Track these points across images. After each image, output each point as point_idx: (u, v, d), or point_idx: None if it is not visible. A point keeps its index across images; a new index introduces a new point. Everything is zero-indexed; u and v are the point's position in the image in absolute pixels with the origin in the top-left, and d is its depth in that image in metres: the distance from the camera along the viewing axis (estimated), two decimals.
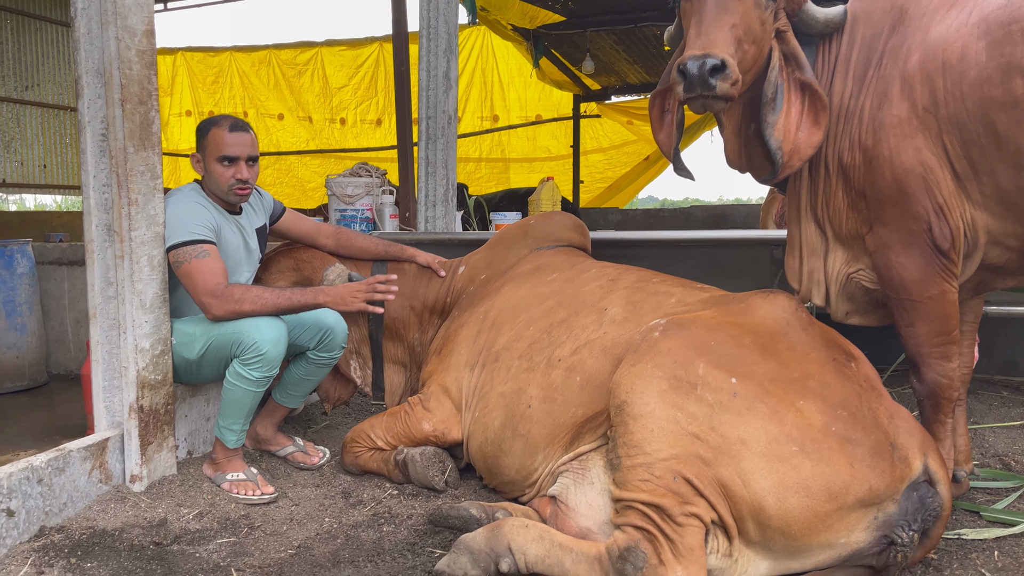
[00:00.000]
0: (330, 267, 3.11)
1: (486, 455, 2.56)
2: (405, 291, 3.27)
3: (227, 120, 2.76)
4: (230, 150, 2.73)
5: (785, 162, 2.35)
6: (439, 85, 4.62)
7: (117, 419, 2.54)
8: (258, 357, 2.54)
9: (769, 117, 2.36)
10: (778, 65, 2.39)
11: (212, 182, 2.77)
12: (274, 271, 3.18)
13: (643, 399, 2.02)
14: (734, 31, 2.29)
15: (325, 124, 12.17)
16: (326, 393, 3.21)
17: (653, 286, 2.55)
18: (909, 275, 2.31)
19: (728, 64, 2.21)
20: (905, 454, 2.02)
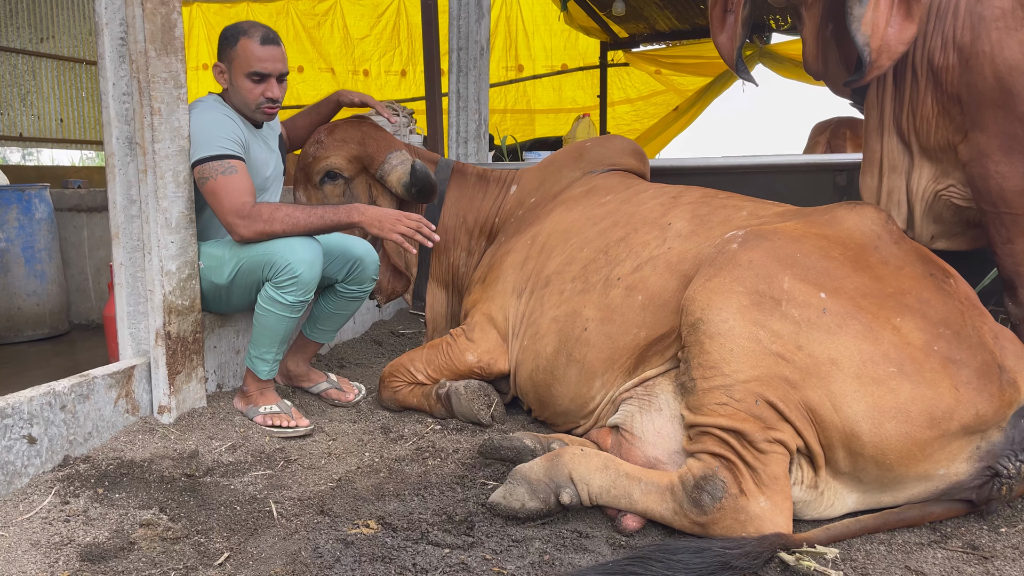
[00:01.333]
0: (395, 152, 2.86)
1: (537, 384, 2.38)
2: (462, 200, 3.04)
3: (257, 30, 2.53)
4: (262, 66, 2.51)
5: (874, 60, 2.11)
6: (471, 13, 4.38)
7: (143, 347, 2.38)
8: (292, 280, 2.36)
9: (855, 10, 2.12)
10: None
11: (237, 97, 2.55)
12: (339, 138, 2.92)
13: (721, 316, 1.83)
14: None
15: (348, 76, 11.90)
16: (379, 286, 3.01)
17: (720, 200, 2.34)
18: (1010, 185, 2.09)
19: None
20: (1014, 377, 1.81)
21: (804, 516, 1.84)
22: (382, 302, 3.04)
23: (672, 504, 1.78)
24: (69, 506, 1.91)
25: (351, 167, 2.86)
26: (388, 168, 2.81)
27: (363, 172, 2.89)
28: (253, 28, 2.54)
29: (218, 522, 1.88)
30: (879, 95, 2.35)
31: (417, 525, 1.86)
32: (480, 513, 1.91)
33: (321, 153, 2.85)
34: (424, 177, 2.73)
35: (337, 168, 2.84)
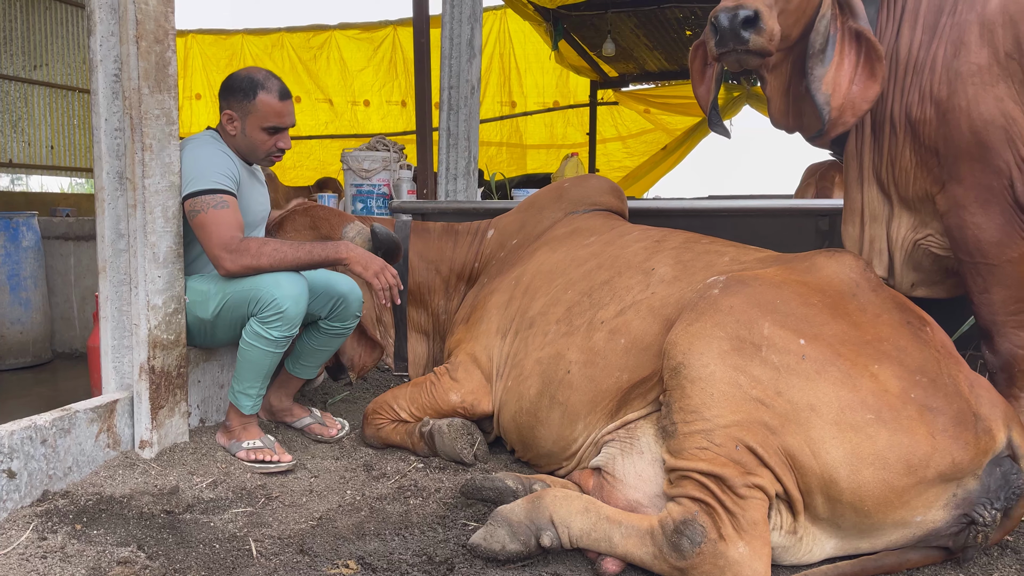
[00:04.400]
0: (349, 224, 2.91)
1: (520, 426, 2.39)
2: (430, 254, 3.09)
3: (274, 84, 2.58)
4: (280, 120, 2.58)
5: (834, 118, 2.17)
6: (462, 53, 4.45)
7: (127, 380, 2.38)
8: (277, 315, 2.37)
9: (816, 70, 2.18)
10: (829, 13, 2.22)
11: (246, 144, 2.60)
12: (289, 229, 2.99)
13: (702, 360, 1.85)
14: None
15: (347, 106, 12.04)
16: (351, 360, 3.02)
17: (703, 245, 2.38)
18: (986, 236, 2.14)
19: (762, 15, 2.10)
20: (989, 425, 1.84)
21: (783, 562, 1.85)
22: (354, 379, 3.05)
23: (652, 548, 1.78)
24: (47, 542, 1.89)
25: None
26: None
27: None
28: (269, 81, 2.58)
29: (196, 561, 1.87)
30: (858, 146, 2.40)
31: (397, 566, 1.85)
32: (460, 554, 1.91)
33: None
34: (387, 237, 2.77)
35: None
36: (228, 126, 2.60)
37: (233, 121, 2.59)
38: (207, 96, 12.86)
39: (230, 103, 2.58)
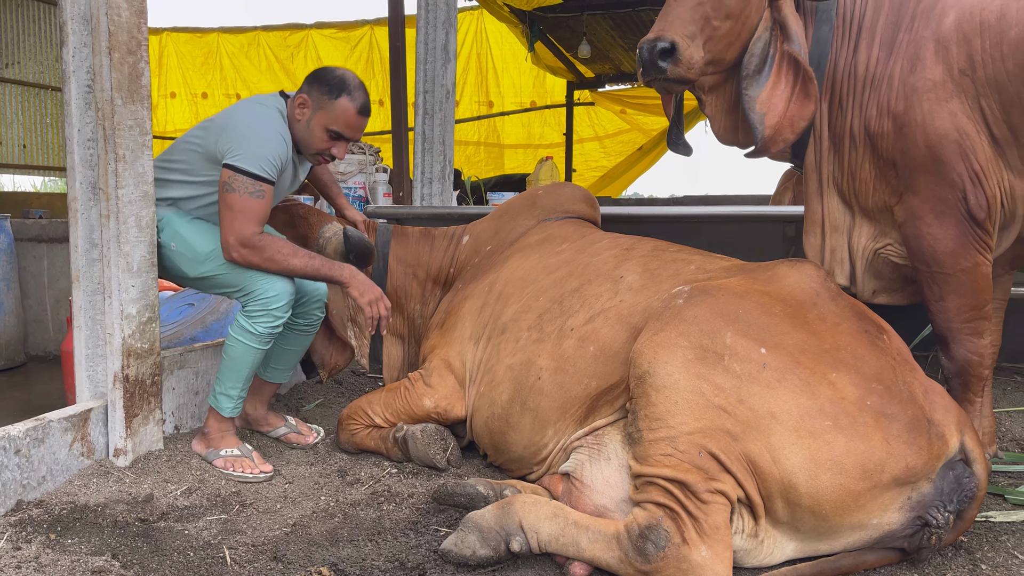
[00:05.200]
0: (326, 224, 2.94)
1: (492, 431, 2.43)
2: (408, 258, 3.12)
3: (360, 95, 2.56)
4: (348, 131, 2.58)
5: (767, 136, 2.27)
6: (437, 58, 4.48)
7: (101, 389, 2.39)
8: (265, 311, 2.44)
9: (750, 91, 2.27)
10: (765, 36, 2.30)
11: (304, 133, 2.57)
12: None
13: (667, 369, 1.90)
14: (700, 8, 2.28)
15: None
16: (322, 359, 3.05)
17: (670, 254, 2.43)
18: (941, 246, 2.21)
19: (678, 47, 2.24)
20: (942, 430, 1.91)
21: (745, 564, 1.91)
22: (324, 378, 3.09)
23: (618, 552, 1.83)
24: (21, 552, 1.91)
25: None
26: (323, 242, 2.87)
27: None
28: (358, 91, 2.57)
29: (171, 569, 1.89)
30: (817, 159, 2.46)
31: (370, 572, 1.89)
32: (432, 560, 1.95)
33: None
34: (359, 241, 2.80)
35: None
36: (297, 111, 2.55)
37: (304, 108, 2.55)
38: (182, 94, 12.77)
39: (311, 91, 2.55)
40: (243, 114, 2.50)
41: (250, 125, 2.45)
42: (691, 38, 2.26)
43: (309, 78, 2.59)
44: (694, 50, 2.26)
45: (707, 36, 2.28)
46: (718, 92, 2.45)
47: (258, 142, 2.42)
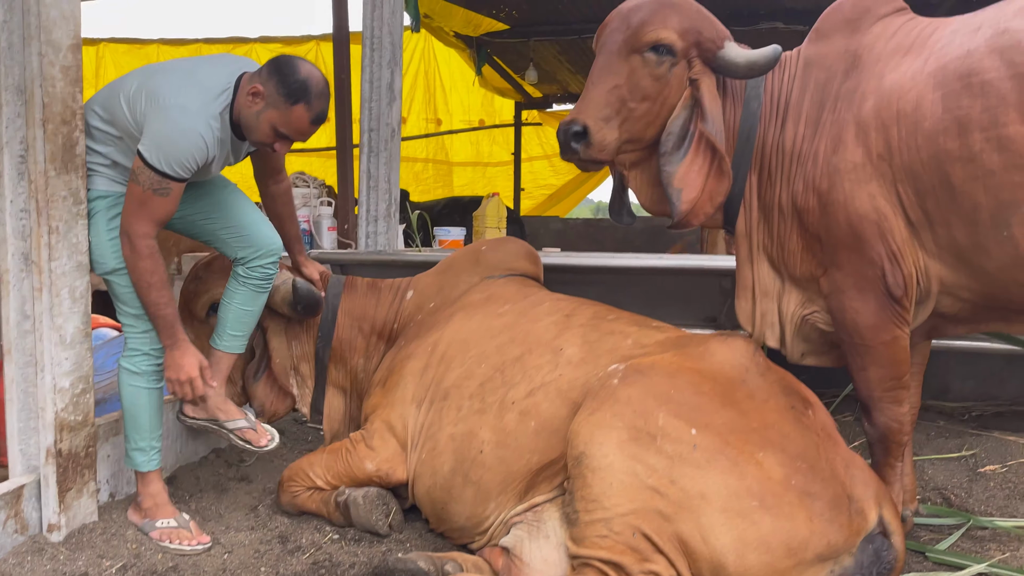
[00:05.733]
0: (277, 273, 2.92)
1: (434, 500, 2.46)
2: (355, 311, 3.12)
3: (318, 106, 2.45)
4: (296, 135, 2.48)
5: (685, 211, 2.36)
6: (382, 97, 4.49)
7: (33, 463, 2.35)
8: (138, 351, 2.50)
9: (666, 168, 2.37)
10: (683, 116, 2.40)
11: (250, 122, 2.45)
12: (217, 269, 2.95)
13: (602, 451, 1.95)
14: (616, 92, 2.38)
15: None
16: (262, 406, 3.02)
17: (609, 324, 2.49)
18: (863, 320, 2.31)
19: (590, 130, 2.36)
20: (862, 506, 2.00)
21: None
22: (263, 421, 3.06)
23: None
24: None
25: None
26: (271, 290, 2.85)
27: None
28: (318, 100, 2.45)
29: None
30: (748, 227, 2.55)
31: None
32: None
33: (202, 288, 2.91)
34: (308, 294, 2.80)
35: (219, 299, 2.86)
36: (248, 98, 2.42)
37: (257, 99, 2.41)
38: None
39: (268, 85, 2.40)
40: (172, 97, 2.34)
41: (172, 117, 2.32)
42: (605, 120, 2.36)
43: (271, 67, 2.44)
44: (607, 132, 2.36)
45: (623, 118, 2.37)
46: (642, 167, 2.53)
47: (174, 141, 2.31)
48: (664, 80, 2.38)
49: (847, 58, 2.37)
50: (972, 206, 2.05)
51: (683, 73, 2.40)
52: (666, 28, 2.35)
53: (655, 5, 2.39)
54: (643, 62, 2.36)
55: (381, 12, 4.44)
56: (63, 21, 2.26)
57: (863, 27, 2.39)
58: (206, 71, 2.48)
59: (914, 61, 2.21)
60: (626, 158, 2.51)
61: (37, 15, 2.20)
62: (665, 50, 2.35)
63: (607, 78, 2.40)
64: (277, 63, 2.45)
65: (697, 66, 2.39)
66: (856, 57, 2.35)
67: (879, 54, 2.30)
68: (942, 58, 2.14)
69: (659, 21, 2.36)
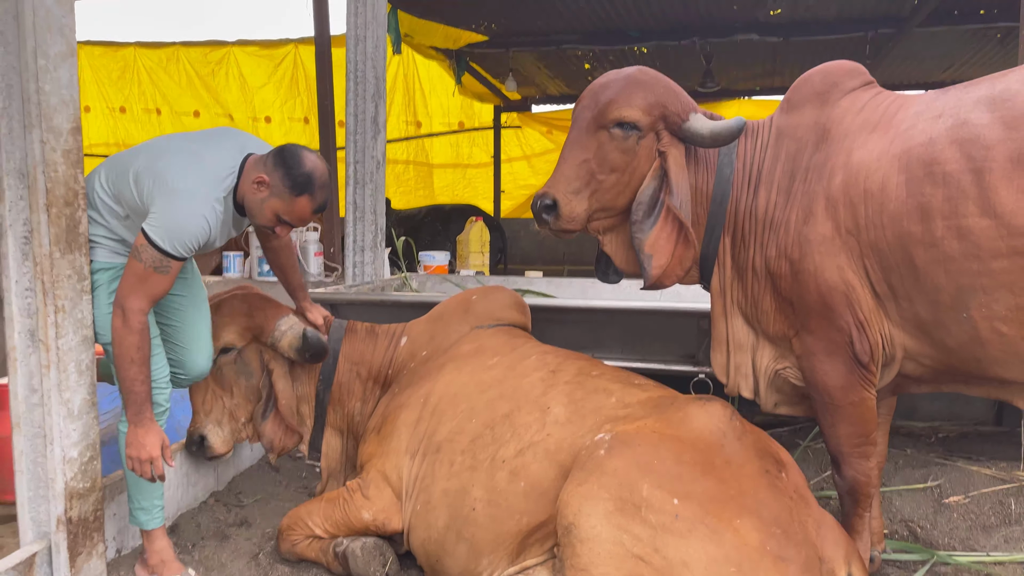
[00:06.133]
0: (283, 318, 3.03)
1: (429, 553, 2.58)
2: (354, 355, 3.23)
3: (321, 196, 2.59)
4: (298, 223, 2.63)
5: (655, 275, 2.52)
6: (367, 130, 4.57)
7: (44, 530, 2.44)
8: None
9: (636, 236, 2.52)
10: (653, 185, 2.54)
11: (254, 207, 2.59)
12: (226, 313, 3.06)
13: (590, 522, 2.08)
14: (585, 166, 2.56)
15: (248, 122, 11.84)
16: (270, 442, 3.14)
17: (593, 381, 2.61)
18: (832, 381, 2.45)
19: (559, 203, 2.56)
20: (832, 567, 2.15)
21: None
22: (273, 459, 3.18)
23: None
24: None
25: (242, 338, 3.02)
26: (278, 335, 2.97)
27: (254, 341, 3.04)
28: (321, 191, 2.58)
29: None
30: (722, 285, 2.68)
31: None
32: None
33: (212, 331, 2.98)
34: (316, 342, 2.92)
35: (229, 343, 2.98)
36: (252, 186, 2.56)
37: (262, 187, 2.55)
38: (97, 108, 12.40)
39: (274, 176, 2.54)
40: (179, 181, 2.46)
41: (178, 201, 2.44)
42: (575, 193, 2.55)
43: (276, 158, 2.57)
44: (575, 204, 2.55)
45: (592, 189, 2.55)
46: (616, 232, 2.68)
47: (179, 223, 2.43)
48: (632, 152, 2.54)
49: (817, 130, 2.50)
50: (934, 287, 2.20)
51: (652, 144, 2.55)
52: (630, 106, 2.51)
53: (622, 83, 2.56)
54: (610, 137, 2.53)
55: (364, 47, 4.51)
56: (63, 107, 2.33)
57: (831, 100, 2.52)
58: (212, 154, 2.59)
59: (880, 140, 2.34)
60: (599, 224, 2.67)
61: (37, 103, 2.27)
62: (630, 126, 2.52)
63: (577, 152, 2.57)
64: (283, 154, 2.57)
65: (665, 138, 2.54)
66: (825, 130, 2.47)
67: (847, 129, 2.43)
68: (907, 142, 2.26)
69: (623, 99, 2.52)
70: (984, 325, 2.15)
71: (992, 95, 2.16)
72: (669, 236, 2.50)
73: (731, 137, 2.47)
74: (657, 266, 2.50)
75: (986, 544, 2.97)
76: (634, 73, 2.60)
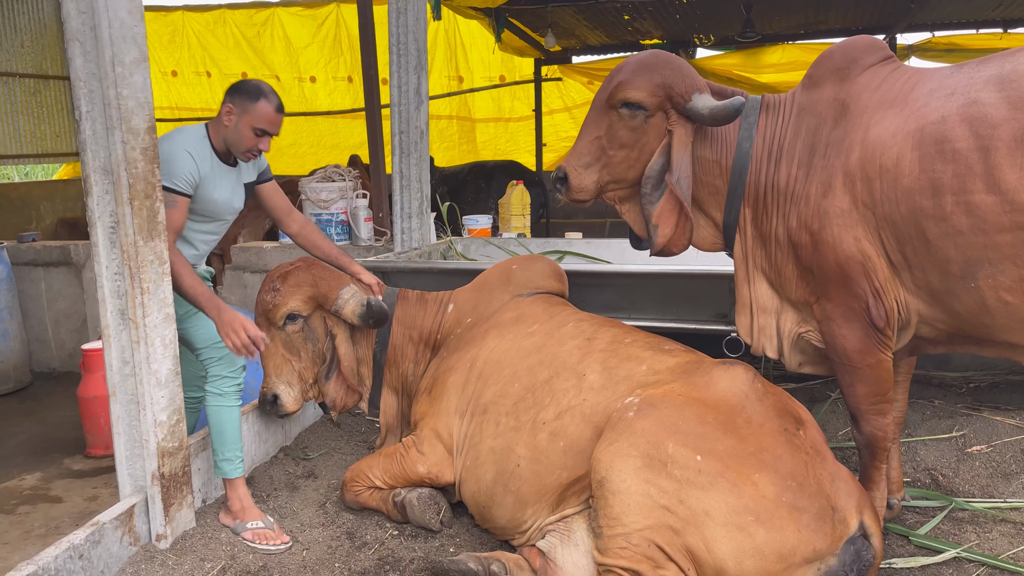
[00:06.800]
0: (345, 287, 3.28)
1: (479, 503, 2.86)
2: (406, 320, 3.49)
3: (275, 98, 3.08)
4: (270, 127, 3.07)
5: (662, 244, 2.79)
6: (410, 101, 4.75)
7: (140, 484, 2.78)
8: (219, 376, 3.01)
9: (646, 207, 2.75)
10: (660, 160, 2.73)
11: (233, 137, 3.07)
12: (293, 284, 3.30)
13: (620, 476, 2.32)
14: (597, 142, 2.83)
15: (294, 83, 12.10)
16: (333, 401, 3.43)
17: (625, 349, 2.82)
18: (850, 345, 2.62)
19: (569, 176, 2.87)
20: (844, 515, 2.35)
21: None
22: (335, 416, 3.48)
23: None
24: None
25: (308, 307, 3.27)
26: (341, 303, 3.23)
27: (319, 308, 3.30)
28: (272, 95, 3.08)
29: None
30: (744, 251, 2.85)
31: None
32: None
33: (280, 300, 3.24)
34: (379, 310, 3.18)
35: (296, 311, 3.24)
36: (225, 118, 3.06)
37: (231, 115, 3.05)
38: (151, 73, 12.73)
39: (234, 99, 3.05)
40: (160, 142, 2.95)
41: (163, 148, 2.92)
42: (585, 167, 2.83)
43: (230, 91, 3.10)
44: (584, 177, 2.84)
45: (603, 163, 2.82)
46: (631, 202, 2.92)
47: (168, 162, 2.90)
48: (641, 130, 2.77)
49: (836, 106, 2.62)
50: (944, 258, 2.34)
51: (661, 123, 2.75)
52: (635, 88, 2.74)
53: (632, 66, 2.79)
54: (619, 116, 2.78)
55: (406, 19, 4.66)
56: (139, 109, 2.58)
57: (851, 76, 2.63)
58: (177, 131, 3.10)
59: (896, 117, 2.46)
60: (614, 195, 2.94)
61: (117, 107, 2.52)
62: (635, 106, 2.75)
63: (591, 130, 2.86)
64: (233, 86, 3.12)
65: (673, 117, 2.73)
66: (844, 107, 2.59)
67: (865, 105, 2.55)
68: (921, 119, 2.38)
69: (630, 82, 2.75)
70: (991, 295, 2.29)
71: (1001, 75, 2.26)
72: (672, 209, 2.73)
73: (728, 116, 2.65)
74: (663, 235, 2.75)
75: (1005, 491, 3.15)
76: (644, 57, 2.82)
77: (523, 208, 5.47)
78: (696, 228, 2.90)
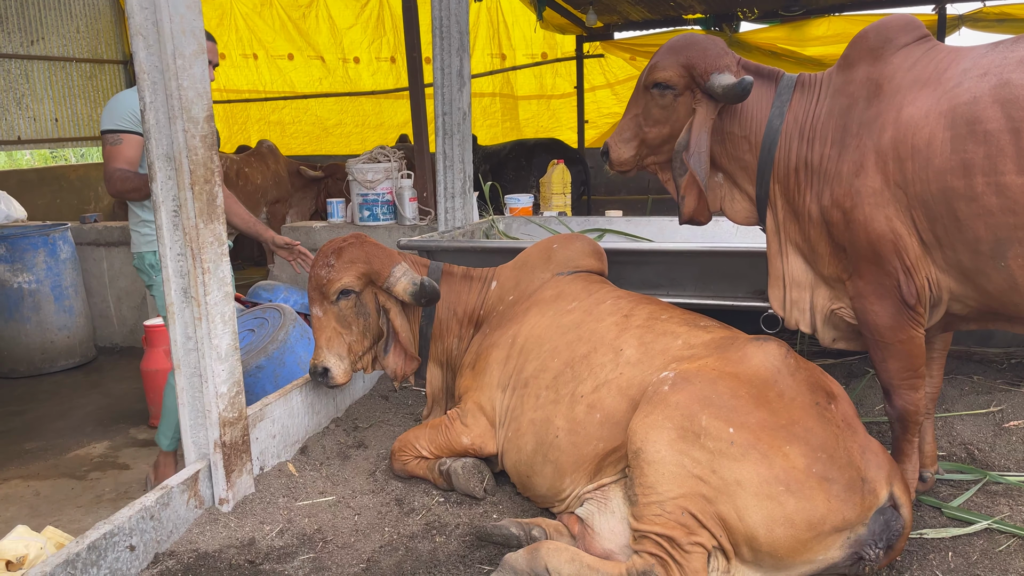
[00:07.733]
0: (397, 265, 3.40)
1: (520, 473, 2.99)
2: (451, 296, 3.61)
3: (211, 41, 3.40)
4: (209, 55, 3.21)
5: (688, 214, 3.00)
6: (453, 83, 4.85)
7: (203, 451, 2.97)
8: None
9: (676, 179, 2.92)
10: (684, 138, 2.83)
11: None
12: (347, 260, 3.39)
13: (655, 447, 2.43)
14: (635, 119, 3.06)
15: (338, 64, 12.32)
16: (394, 372, 3.56)
17: (662, 325, 2.92)
18: (882, 321, 2.67)
19: (610, 149, 3.14)
20: (874, 486, 2.43)
21: None
22: (397, 384, 3.62)
23: None
24: None
25: (360, 283, 3.41)
26: (393, 280, 3.36)
27: (370, 284, 3.44)
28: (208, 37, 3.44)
29: None
30: (776, 226, 2.92)
31: None
32: None
33: (334, 276, 3.38)
34: (431, 289, 3.30)
35: (350, 287, 3.38)
36: None
37: None
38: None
39: None
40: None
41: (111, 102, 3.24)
42: (624, 141, 3.08)
43: None
44: (623, 151, 3.08)
45: (640, 139, 3.04)
46: (668, 171, 3.12)
47: (113, 108, 3.19)
48: (671, 108, 2.94)
49: (869, 86, 2.65)
50: (974, 238, 2.37)
51: (689, 101, 2.93)
52: (662, 69, 2.92)
53: (664, 49, 2.98)
54: (651, 96, 2.97)
55: (448, 2, 4.75)
56: (198, 99, 2.73)
57: (884, 56, 2.66)
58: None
59: (928, 97, 2.49)
60: (654, 166, 3.16)
61: (179, 98, 2.67)
62: (664, 86, 2.92)
63: (632, 108, 3.08)
64: None
65: (698, 95, 2.83)
66: (878, 86, 2.63)
67: (898, 85, 2.58)
68: (953, 99, 2.41)
69: (659, 63, 2.95)
70: (1020, 274, 2.32)
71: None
72: (693, 182, 2.89)
73: (737, 94, 2.77)
74: (688, 206, 2.95)
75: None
76: (675, 39, 3.01)
77: (564, 187, 5.55)
78: (732, 201, 3.01)
